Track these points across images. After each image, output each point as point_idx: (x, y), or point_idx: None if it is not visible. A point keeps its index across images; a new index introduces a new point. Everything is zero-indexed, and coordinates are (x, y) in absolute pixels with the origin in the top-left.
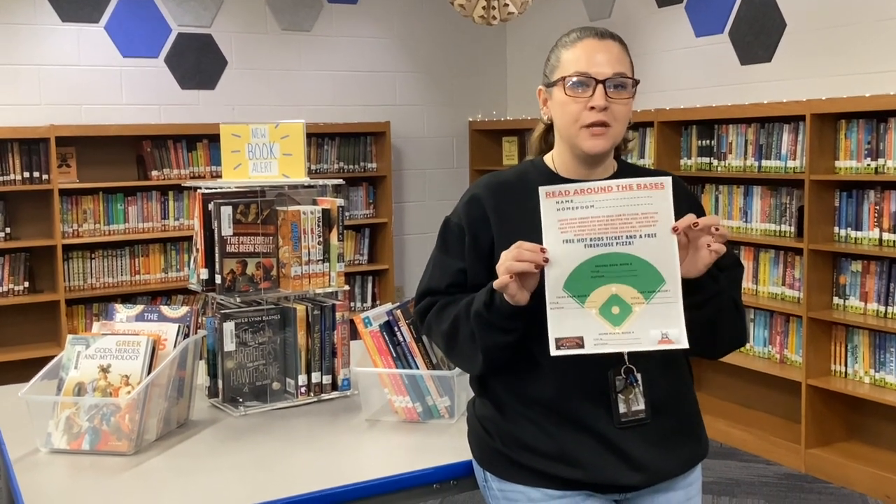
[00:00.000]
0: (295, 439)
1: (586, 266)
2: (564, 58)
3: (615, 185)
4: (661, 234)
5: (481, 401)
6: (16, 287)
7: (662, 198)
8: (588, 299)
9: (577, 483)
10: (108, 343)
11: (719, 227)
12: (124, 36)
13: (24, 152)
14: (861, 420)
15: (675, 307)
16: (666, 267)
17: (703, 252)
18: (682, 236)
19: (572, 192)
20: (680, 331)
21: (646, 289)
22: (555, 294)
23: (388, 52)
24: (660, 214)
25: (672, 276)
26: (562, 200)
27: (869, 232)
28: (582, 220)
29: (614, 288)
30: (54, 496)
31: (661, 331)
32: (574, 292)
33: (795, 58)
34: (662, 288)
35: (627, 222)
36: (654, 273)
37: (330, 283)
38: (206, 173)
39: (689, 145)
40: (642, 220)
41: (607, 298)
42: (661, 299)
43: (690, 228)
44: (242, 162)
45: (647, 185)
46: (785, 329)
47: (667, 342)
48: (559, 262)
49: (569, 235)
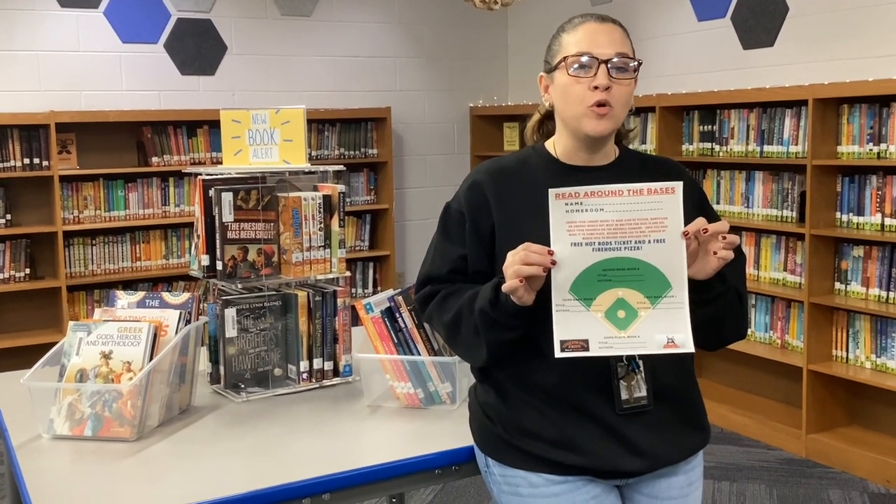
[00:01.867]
0: (297, 425)
1: (593, 269)
2: (566, 41)
3: (626, 189)
4: (670, 239)
5: (483, 387)
6: (17, 273)
7: (673, 202)
8: (594, 303)
9: (579, 468)
10: (109, 329)
11: (727, 236)
12: (124, 21)
13: (24, 139)
14: (862, 405)
15: (682, 313)
16: (673, 272)
17: (711, 257)
18: (691, 240)
19: (582, 194)
20: (686, 336)
21: (652, 294)
22: (561, 296)
23: (388, 37)
24: (670, 219)
25: (679, 281)
26: (571, 202)
27: (871, 217)
28: (591, 223)
29: (620, 292)
30: (57, 482)
31: (667, 335)
32: (580, 295)
33: (798, 42)
34: (669, 294)
35: (637, 227)
36: (662, 278)
37: (331, 269)
38: (206, 159)
39: (690, 130)
40: (651, 224)
41: (613, 302)
42: (668, 305)
43: (700, 234)
44: (243, 148)
45: (658, 189)
46: (786, 314)
47: (672, 346)
48: (566, 264)
49: (577, 238)
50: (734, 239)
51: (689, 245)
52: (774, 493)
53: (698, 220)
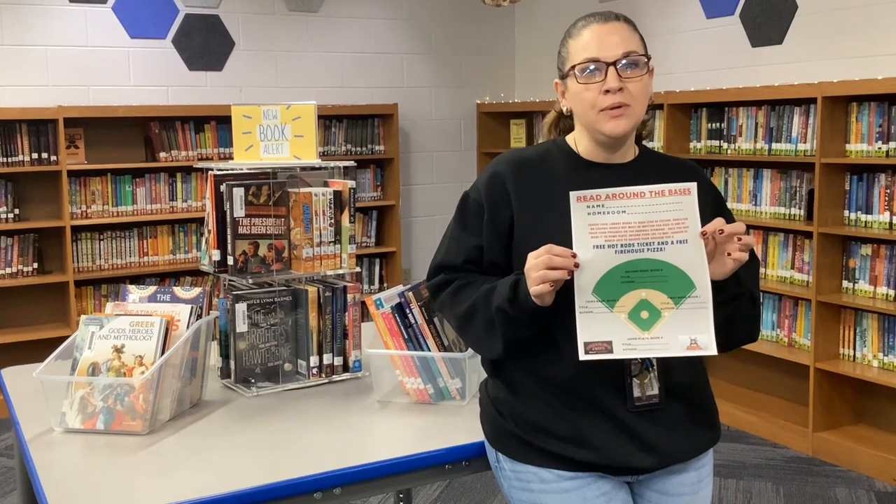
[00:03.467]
0: (307, 420)
1: (616, 271)
2: (573, 47)
3: (647, 190)
4: (691, 239)
5: (494, 382)
6: (25, 268)
7: (689, 203)
8: (617, 304)
9: (590, 465)
10: (121, 323)
11: (742, 237)
12: (132, 17)
13: (33, 133)
14: (869, 404)
15: (705, 313)
16: (696, 272)
17: (727, 258)
18: (709, 241)
19: (604, 196)
20: (709, 337)
21: (676, 294)
22: (584, 298)
23: (395, 33)
24: (689, 220)
25: (702, 281)
26: (593, 205)
27: (879, 215)
28: (613, 226)
29: (644, 293)
30: (69, 475)
31: (691, 336)
32: (603, 297)
33: (807, 40)
34: (693, 294)
35: (659, 228)
36: (685, 279)
37: (341, 264)
38: (213, 155)
39: (699, 128)
40: (674, 226)
41: (637, 303)
42: (691, 305)
43: (717, 234)
44: (254, 143)
45: (676, 190)
46: (794, 313)
47: (695, 348)
48: (589, 266)
49: (599, 241)
50: (750, 241)
51: (706, 245)
52: (781, 491)
53: (716, 220)
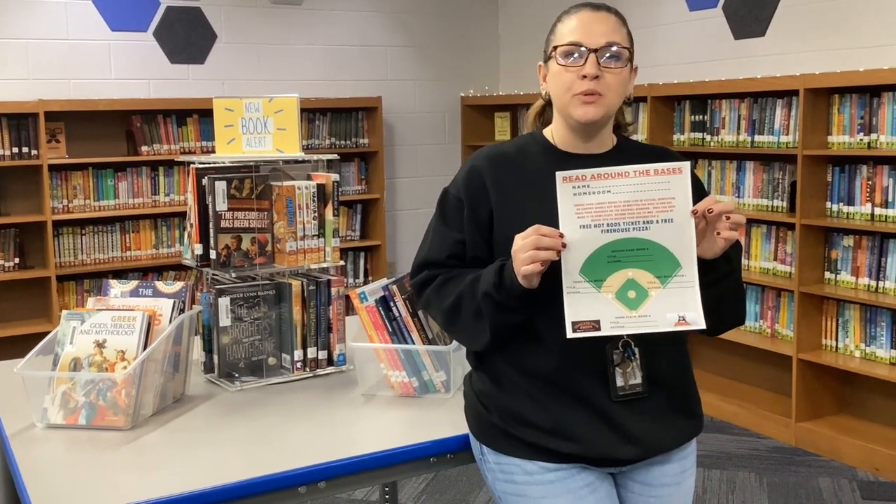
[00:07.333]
0: (291, 414)
1: (603, 251)
2: (559, 30)
3: (632, 170)
4: (678, 218)
5: (478, 374)
6: (6, 263)
7: (681, 182)
8: (604, 284)
9: (573, 456)
10: (103, 318)
11: (731, 216)
12: (112, 9)
13: (13, 127)
14: (851, 394)
15: (692, 291)
16: (682, 251)
17: (717, 237)
18: (700, 219)
19: (589, 176)
20: (697, 313)
21: (662, 273)
22: (571, 279)
23: (379, 26)
24: (678, 199)
25: (688, 260)
26: (578, 185)
27: (861, 207)
28: (599, 206)
29: (630, 272)
30: (52, 470)
31: (678, 313)
32: (590, 277)
33: (789, 32)
34: (679, 273)
35: (644, 207)
36: (671, 258)
37: (325, 258)
38: (196, 149)
39: (682, 120)
40: (659, 205)
41: (623, 283)
42: (678, 284)
43: (707, 213)
44: (236, 137)
45: (664, 170)
46: (776, 304)
47: (684, 324)
48: (576, 246)
49: (586, 221)
50: (740, 218)
51: (697, 224)
52: (764, 480)
53: (707, 199)
